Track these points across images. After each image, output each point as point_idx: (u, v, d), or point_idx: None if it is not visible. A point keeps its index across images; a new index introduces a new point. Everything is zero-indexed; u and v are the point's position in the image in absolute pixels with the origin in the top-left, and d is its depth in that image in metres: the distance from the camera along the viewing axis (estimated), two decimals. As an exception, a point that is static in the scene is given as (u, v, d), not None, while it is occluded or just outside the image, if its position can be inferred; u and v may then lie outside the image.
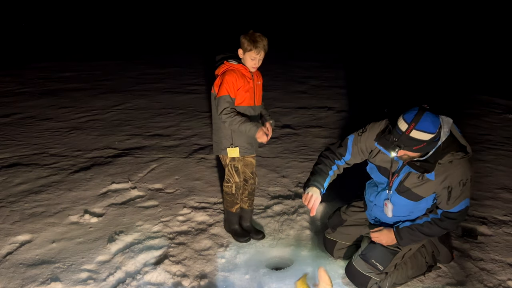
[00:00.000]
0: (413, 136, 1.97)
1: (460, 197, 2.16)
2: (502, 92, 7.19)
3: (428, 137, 1.98)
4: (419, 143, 1.98)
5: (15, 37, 16.83)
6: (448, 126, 2.07)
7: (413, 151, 2.03)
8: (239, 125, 2.52)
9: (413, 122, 1.97)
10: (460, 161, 2.13)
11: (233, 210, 2.83)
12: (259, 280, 2.46)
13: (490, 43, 13.29)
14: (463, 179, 2.15)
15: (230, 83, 2.53)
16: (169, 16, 23.07)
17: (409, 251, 2.41)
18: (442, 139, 2.06)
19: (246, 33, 2.52)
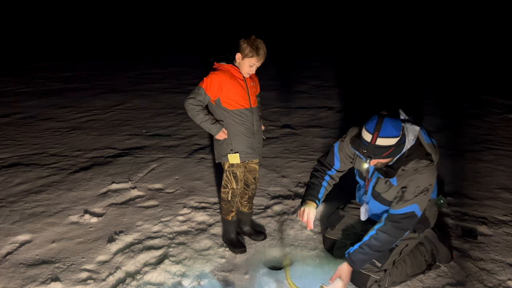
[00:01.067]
0: (379, 144, 2.02)
1: (410, 200, 2.15)
2: (502, 92, 7.19)
3: (394, 141, 2.04)
4: (387, 149, 2.05)
5: (15, 37, 16.83)
6: (413, 134, 2.12)
7: (384, 157, 2.09)
8: (200, 122, 2.50)
9: (376, 131, 2.02)
10: (424, 169, 2.14)
11: (229, 218, 2.76)
12: (259, 280, 2.46)
13: (490, 43, 13.29)
14: (420, 186, 2.14)
15: (213, 82, 2.43)
16: (169, 17, 23.07)
17: (406, 247, 2.42)
18: (407, 147, 2.12)
19: (247, 38, 2.43)
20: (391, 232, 2.18)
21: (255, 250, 2.79)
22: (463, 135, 5.14)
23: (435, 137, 2.28)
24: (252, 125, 2.61)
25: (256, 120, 2.63)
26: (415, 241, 2.46)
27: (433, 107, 6.44)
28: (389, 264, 2.38)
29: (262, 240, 2.89)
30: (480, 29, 16.06)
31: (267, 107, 6.33)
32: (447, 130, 5.35)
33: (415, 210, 2.16)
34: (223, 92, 2.47)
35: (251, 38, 2.43)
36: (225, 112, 2.53)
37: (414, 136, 2.12)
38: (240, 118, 2.54)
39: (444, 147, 4.70)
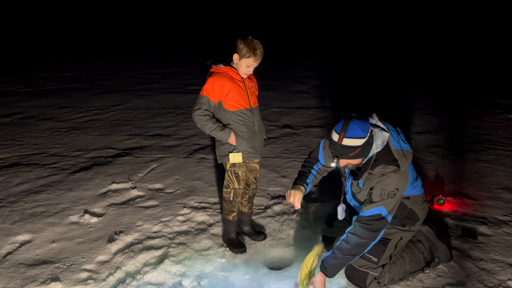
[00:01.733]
0: (346, 144, 2.07)
1: (376, 203, 2.18)
2: (502, 92, 7.19)
3: (360, 142, 2.07)
4: (354, 149, 2.08)
5: (15, 37, 16.83)
6: (381, 140, 2.16)
7: (351, 157, 2.12)
8: (210, 131, 2.51)
9: (342, 131, 2.08)
10: (391, 174, 2.17)
11: (230, 217, 2.77)
12: (259, 280, 2.46)
13: (491, 44, 13.28)
14: (386, 188, 2.17)
15: (213, 86, 2.46)
16: (169, 17, 23.06)
17: (400, 240, 2.42)
18: (374, 151, 2.16)
19: (244, 38, 2.45)
20: (360, 233, 2.19)
21: (255, 250, 2.79)
22: (463, 135, 5.14)
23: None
24: (253, 125, 2.61)
25: (257, 120, 2.64)
26: (409, 234, 2.46)
27: (433, 107, 6.44)
28: (386, 258, 2.38)
29: (262, 240, 2.89)
30: (480, 29, 16.06)
31: (267, 107, 6.33)
32: (447, 130, 5.35)
33: (382, 212, 2.17)
34: (224, 94, 2.49)
35: (248, 38, 2.45)
36: (226, 113, 2.54)
37: (382, 141, 2.16)
38: (240, 119, 2.55)
39: (444, 147, 4.70)
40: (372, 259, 2.35)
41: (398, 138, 2.23)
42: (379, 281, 2.37)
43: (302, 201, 3.32)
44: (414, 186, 2.37)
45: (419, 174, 2.52)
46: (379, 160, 2.17)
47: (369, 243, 2.20)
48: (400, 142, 2.23)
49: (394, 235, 2.40)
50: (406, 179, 2.22)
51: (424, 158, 4.35)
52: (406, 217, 2.39)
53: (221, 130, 2.51)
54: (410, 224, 2.42)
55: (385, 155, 2.17)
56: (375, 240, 2.21)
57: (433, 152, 4.54)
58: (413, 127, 5.45)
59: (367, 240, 2.19)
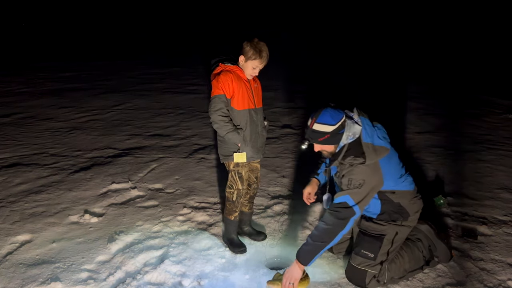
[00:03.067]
0: (316, 129, 2.23)
1: (343, 192, 2.27)
2: (502, 92, 7.19)
3: (329, 128, 2.21)
4: (323, 135, 2.22)
5: (15, 37, 16.83)
6: (353, 132, 2.26)
7: (320, 142, 2.26)
8: (226, 133, 2.50)
9: (314, 117, 2.24)
10: (358, 166, 2.24)
11: (231, 217, 2.77)
12: (259, 280, 2.46)
13: (491, 44, 13.29)
14: (353, 179, 2.24)
15: (226, 82, 2.47)
16: (169, 17, 23.07)
17: (396, 235, 2.42)
18: (344, 141, 2.27)
19: (251, 41, 2.47)
20: (327, 220, 2.25)
21: (255, 250, 2.79)
22: (463, 135, 5.14)
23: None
24: (257, 126, 2.63)
25: (260, 121, 2.66)
26: (404, 229, 2.44)
27: (433, 107, 6.44)
28: (383, 254, 2.38)
29: (262, 240, 2.89)
30: (480, 29, 16.06)
31: (267, 107, 6.33)
32: (447, 130, 5.35)
33: (348, 201, 2.23)
34: (234, 92, 2.51)
35: (254, 41, 2.47)
36: (233, 112, 2.55)
37: (353, 133, 2.26)
38: (246, 118, 2.56)
39: (444, 147, 4.70)
40: (368, 255, 2.37)
41: (372, 133, 2.29)
42: (379, 279, 2.37)
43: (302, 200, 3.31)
44: (400, 182, 2.39)
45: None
46: (349, 151, 2.27)
47: (336, 231, 2.24)
48: (373, 137, 2.28)
49: (387, 230, 2.40)
50: (377, 173, 2.26)
51: (424, 158, 4.35)
52: (395, 211, 2.40)
53: (237, 133, 2.52)
54: (401, 219, 2.42)
55: (355, 147, 2.26)
56: (343, 230, 2.24)
57: (433, 152, 4.54)
58: (413, 127, 5.45)
59: (333, 227, 2.23)
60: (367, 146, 2.25)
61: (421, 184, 3.68)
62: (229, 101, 2.52)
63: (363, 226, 2.49)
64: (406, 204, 2.41)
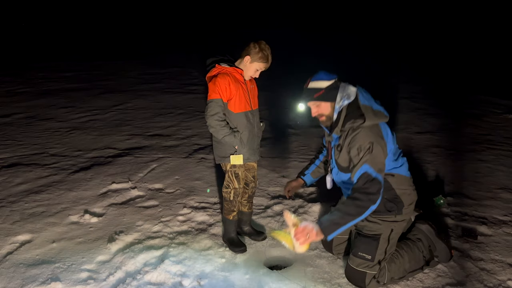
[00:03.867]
0: (311, 86, 2.31)
1: (358, 163, 2.19)
2: (502, 92, 7.19)
3: (324, 84, 2.28)
4: (318, 91, 2.28)
5: (15, 37, 16.83)
6: (347, 93, 2.28)
7: (316, 99, 2.29)
8: (223, 136, 2.50)
9: (309, 78, 2.34)
10: (359, 129, 2.22)
11: (230, 217, 2.78)
12: (259, 280, 2.46)
13: (491, 44, 13.29)
14: (361, 145, 2.19)
15: (223, 86, 2.45)
16: (169, 17, 23.06)
17: (392, 232, 2.39)
18: (338, 103, 2.28)
19: (258, 42, 2.48)
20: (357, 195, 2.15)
21: (255, 250, 2.79)
22: (463, 135, 5.14)
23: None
24: (254, 127, 2.63)
25: (256, 122, 2.66)
26: (398, 224, 2.41)
27: (433, 107, 6.44)
28: (381, 254, 2.36)
29: (262, 240, 2.89)
30: (480, 29, 16.06)
31: (267, 107, 6.33)
32: (447, 130, 5.35)
33: (367, 170, 2.16)
34: (231, 95, 2.50)
35: (261, 43, 2.49)
36: (230, 115, 2.55)
37: (348, 94, 2.28)
38: (243, 121, 2.56)
39: (444, 147, 4.70)
40: (365, 257, 2.35)
41: (369, 98, 2.30)
42: (379, 280, 2.37)
43: (302, 200, 3.32)
44: (398, 162, 2.36)
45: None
46: (348, 116, 2.25)
47: (366, 205, 2.13)
48: (371, 102, 2.28)
49: (382, 229, 2.37)
50: (380, 136, 2.23)
51: (424, 158, 4.35)
52: (389, 200, 2.35)
53: (234, 136, 2.51)
54: (395, 209, 2.37)
55: (353, 111, 2.25)
56: (374, 205, 2.14)
57: (433, 152, 4.54)
58: (413, 127, 5.45)
59: (364, 202, 2.13)
60: (365, 108, 2.23)
61: (421, 184, 3.69)
62: (226, 104, 2.52)
63: (359, 226, 2.47)
64: (401, 193, 2.38)
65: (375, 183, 2.15)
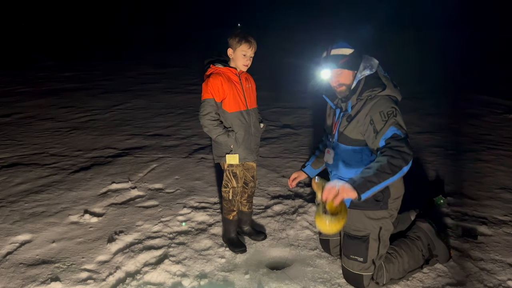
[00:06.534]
0: (334, 53, 2.21)
1: (383, 128, 2.09)
2: (502, 92, 7.19)
3: (348, 51, 2.20)
4: (343, 57, 2.19)
5: (15, 37, 16.83)
6: (370, 63, 2.24)
7: (341, 66, 2.19)
8: (216, 136, 2.50)
9: (329, 46, 2.25)
10: (379, 96, 2.19)
11: (230, 217, 2.78)
12: (259, 280, 2.46)
13: (491, 44, 13.28)
14: (383, 110, 2.14)
15: (215, 86, 2.46)
16: (169, 17, 23.07)
17: (381, 230, 2.31)
18: (361, 72, 2.22)
19: (233, 33, 2.49)
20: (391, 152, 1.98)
21: (255, 250, 2.79)
22: (463, 135, 5.14)
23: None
24: (250, 127, 2.62)
25: (253, 122, 2.64)
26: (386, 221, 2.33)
27: (433, 107, 6.44)
28: (373, 253, 2.31)
29: (262, 240, 2.89)
30: (481, 30, 16.06)
31: (267, 107, 6.34)
32: (447, 130, 5.35)
33: (395, 131, 2.06)
34: (225, 94, 2.50)
35: (236, 31, 2.49)
36: (224, 114, 2.54)
37: (371, 65, 2.23)
38: (237, 120, 2.55)
39: (444, 147, 4.70)
40: (357, 259, 2.31)
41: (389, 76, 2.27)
42: (378, 281, 2.35)
43: (302, 200, 3.32)
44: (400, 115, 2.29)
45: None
46: (367, 85, 2.21)
47: (400, 164, 1.95)
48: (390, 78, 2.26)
49: (370, 228, 2.30)
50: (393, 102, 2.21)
51: (424, 158, 4.35)
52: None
53: (228, 136, 2.51)
54: (381, 198, 2.26)
55: (373, 80, 2.21)
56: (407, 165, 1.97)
57: (433, 152, 4.54)
58: (413, 127, 5.45)
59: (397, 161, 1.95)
60: (386, 79, 2.20)
61: (421, 184, 3.70)
62: (220, 103, 2.52)
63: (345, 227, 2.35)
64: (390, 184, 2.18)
65: (406, 142, 2.03)
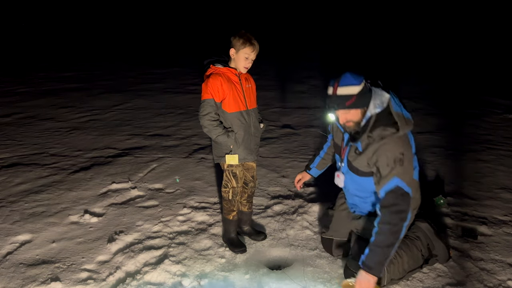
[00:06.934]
0: (341, 93, 2.08)
1: (388, 175, 2.08)
2: (502, 92, 7.20)
3: (355, 89, 2.08)
4: (350, 98, 2.08)
5: (15, 37, 16.83)
6: (381, 100, 2.14)
7: (348, 107, 2.10)
8: (216, 136, 2.50)
9: (336, 82, 2.11)
10: (390, 137, 2.10)
11: (230, 217, 2.78)
12: (259, 280, 2.46)
13: (491, 44, 13.29)
14: (389, 156, 2.08)
15: (215, 86, 2.45)
16: (169, 17, 23.07)
17: None
18: (371, 111, 2.13)
19: (237, 33, 2.47)
20: (389, 218, 2.06)
21: (255, 250, 2.79)
22: (463, 135, 5.14)
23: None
24: (250, 127, 2.62)
25: (253, 122, 2.64)
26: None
27: (433, 107, 6.44)
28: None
29: (262, 240, 2.89)
30: (481, 30, 16.06)
31: (267, 107, 6.34)
32: (447, 130, 5.35)
33: (398, 183, 2.06)
34: (224, 94, 2.49)
35: (240, 32, 2.48)
36: (224, 114, 2.54)
37: (381, 101, 2.13)
38: (237, 121, 2.55)
39: (444, 147, 4.70)
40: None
41: (399, 104, 2.17)
42: (379, 282, 2.36)
43: (302, 200, 3.33)
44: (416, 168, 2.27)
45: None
46: (378, 122, 2.11)
47: (402, 225, 2.06)
48: (401, 108, 2.16)
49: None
50: (409, 145, 2.14)
51: (424, 158, 4.35)
52: None
53: (227, 136, 2.51)
54: None
55: (385, 117, 2.11)
56: (406, 221, 2.06)
57: (433, 152, 4.54)
58: (413, 127, 5.45)
59: (398, 224, 2.04)
60: (398, 115, 2.10)
61: (421, 184, 3.69)
62: (220, 104, 2.51)
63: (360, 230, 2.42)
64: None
65: (406, 197, 2.07)
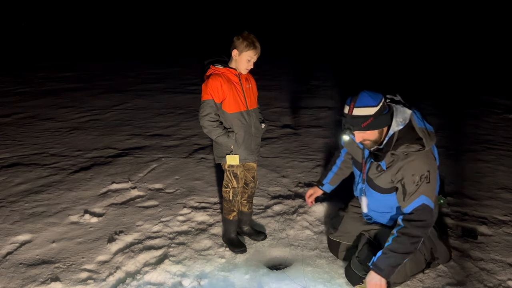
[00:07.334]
0: (356, 114, 2.02)
1: (415, 193, 2.07)
2: (502, 92, 7.19)
3: (372, 110, 2.01)
4: (366, 119, 2.02)
5: (15, 37, 16.83)
6: (402, 117, 2.09)
7: (363, 128, 2.04)
8: (216, 137, 2.50)
9: (352, 102, 2.04)
10: (415, 154, 2.06)
11: (230, 217, 2.78)
12: (259, 280, 2.46)
13: (491, 44, 13.29)
14: (416, 174, 2.05)
15: (215, 87, 2.45)
16: (169, 17, 23.07)
17: None
18: (394, 129, 2.08)
19: (241, 34, 2.45)
20: (413, 231, 2.08)
21: (255, 250, 2.79)
22: (463, 135, 5.14)
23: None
24: (250, 127, 2.61)
25: (254, 122, 2.63)
26: None
27: (433, 107, 6.44)
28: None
29: (262, 240, 2.89)
30: (480, 30, 16.06)
31: (267, 107, 6.33)
32: (447, 130, 5.35)
33: (425, 201, 2.06)
34: (224, 95, 2.49)
35: (244, 33, 2.46)
36: (224, 115, 2.54)
37: (403, 118, 2.08)
38: (237, 121, 2.55)
39: (444, 147, 4.70)
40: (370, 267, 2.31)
41: (422, 118, 2.14)
42: None
43: (302, 200, 3.32)
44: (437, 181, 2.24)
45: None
46: (401, 139, 2.06)
47: (422, 238, 2.11)
48: (424, 122, 2.13)
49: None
50: (434, 160, 2.12)
51: (424, 158, 4.35)
52: None
53: (228, 137, 2.51)
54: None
55: (408, 134, 2.06)
56: (427, 234, 2.15)
57: (433, 152, 4.54)
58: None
59: (421, 237, 2.09)
60: (422, 131, 2.05)
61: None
62: (220, 104, 2.51)
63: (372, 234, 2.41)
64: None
65: (431, 213, 2.08)
